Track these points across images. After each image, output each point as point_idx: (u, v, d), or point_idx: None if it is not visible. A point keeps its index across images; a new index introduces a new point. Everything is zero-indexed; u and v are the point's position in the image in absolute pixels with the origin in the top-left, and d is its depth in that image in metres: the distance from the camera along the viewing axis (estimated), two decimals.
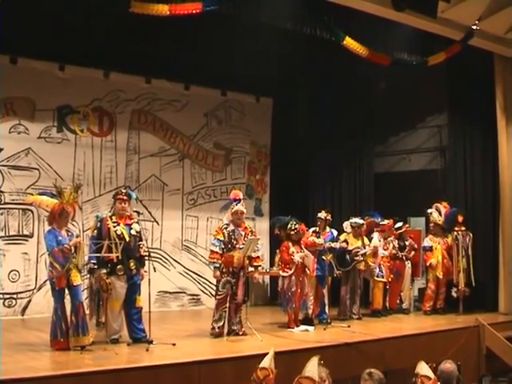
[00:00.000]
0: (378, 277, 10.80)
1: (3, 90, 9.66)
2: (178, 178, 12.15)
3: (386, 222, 11.07)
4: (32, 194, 8.88)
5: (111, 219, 7.88)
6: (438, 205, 11.16)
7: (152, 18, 7.89)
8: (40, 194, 7.96)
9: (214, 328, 8.41)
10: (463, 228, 10.92)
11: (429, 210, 11.27)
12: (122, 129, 11.52)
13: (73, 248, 7.33)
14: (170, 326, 9.44)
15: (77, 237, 7.54)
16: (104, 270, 7.66)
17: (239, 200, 8.72)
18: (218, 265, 8.41)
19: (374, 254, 10.63)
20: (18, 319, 10.00)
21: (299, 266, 9.09)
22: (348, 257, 10.32)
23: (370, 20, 9.37)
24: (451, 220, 10.99)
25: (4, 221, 10.19)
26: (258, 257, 8.80)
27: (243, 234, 8.59)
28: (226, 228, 8.54)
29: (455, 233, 10.87)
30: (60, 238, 7.37)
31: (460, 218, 10.95)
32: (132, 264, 7.82)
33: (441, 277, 10.99)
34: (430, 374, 4.91)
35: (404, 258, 11.24)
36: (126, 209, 8.00)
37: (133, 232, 7.91)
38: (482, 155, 11.59)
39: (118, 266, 7.70)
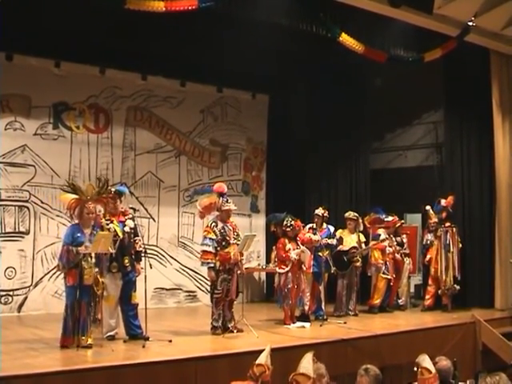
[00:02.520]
0: (383, 273, 10.81)
1: None
2: (174, 175, 12.11)
3: (390, 218, 11.06)
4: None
5: (105, 217, 7.84)
6: (441, 199, 11.11)
7: (148, 14, 7.88)
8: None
9: (216, 327, 8.35)
10: (447, 224, 10.90)
11: (427, 207, 11.27)
12: (118, 125, 11.49)
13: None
14: (167, 323, 9.42)
15: (85, 247, 7.23)
16: (97, 269, 7.62)
17: (225, 194, 8.63)
18: (212, 265, 8.31)
19: (382, 250, 10.70)
20: (14, 316, 9.96)
21: (295, 262, 9.09)
22: (345, 258, 10.36)
23: (366, 16, 9.37)
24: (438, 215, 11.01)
25: (0, 217, 10.17)
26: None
27: (231, 229, 8.55)
28: (215, 226, 8.42)
29: (440, 229, 10.89)
30: (78, 235, 7.24)
31: (443, 214, 10.96)
32: (126, 261, 7.81)
33: (433, 273, 11.00)
34: (432, 368, 4.92)
35: (402, 254, 11.23)
36: (116, 207, 7.96)
37: (126, 229, 7.88)
38: (478, 151, 11.58)
39: (112, 264, 7.68)
